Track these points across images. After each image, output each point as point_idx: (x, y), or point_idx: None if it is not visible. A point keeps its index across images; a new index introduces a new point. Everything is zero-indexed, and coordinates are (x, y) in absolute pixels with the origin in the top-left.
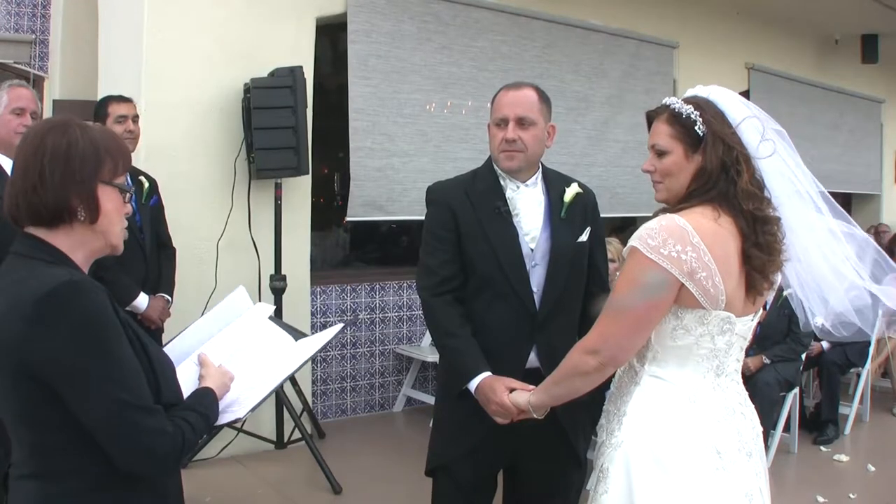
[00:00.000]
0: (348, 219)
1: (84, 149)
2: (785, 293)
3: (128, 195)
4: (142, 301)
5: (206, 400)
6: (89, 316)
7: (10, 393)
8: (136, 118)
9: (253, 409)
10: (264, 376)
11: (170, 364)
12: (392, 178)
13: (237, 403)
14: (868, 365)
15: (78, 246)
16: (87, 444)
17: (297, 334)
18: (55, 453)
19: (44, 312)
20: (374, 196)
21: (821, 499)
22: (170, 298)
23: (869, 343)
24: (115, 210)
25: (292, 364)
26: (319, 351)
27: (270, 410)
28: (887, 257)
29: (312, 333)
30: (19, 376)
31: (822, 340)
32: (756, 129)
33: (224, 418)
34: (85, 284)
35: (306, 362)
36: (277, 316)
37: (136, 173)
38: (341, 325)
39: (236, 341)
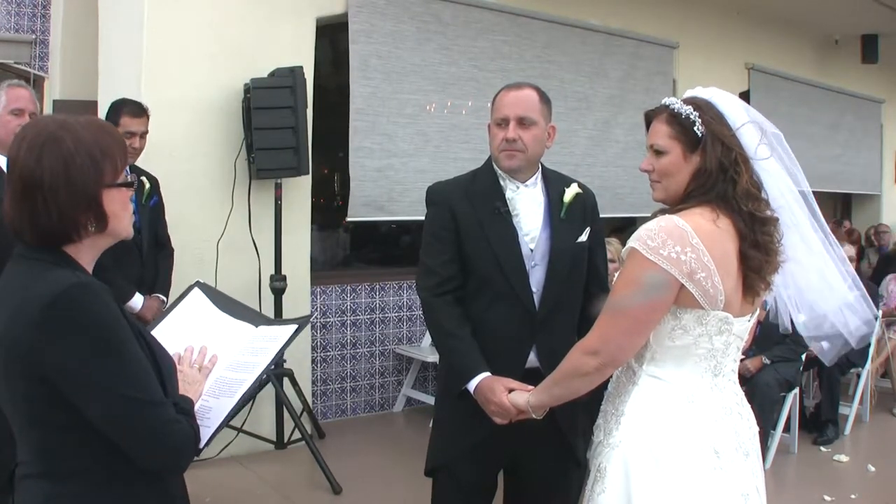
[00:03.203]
0: (349, 219)
1: (82, 162)
2: (784, 294)
3: (132, 186)
4: (136, 302)
5: (189, 406)
6: (98, 318)
7: (17, 394)
8: (144, 134)
9: (208, 443)
10: (223, 389)
11: (172, 363)
12: (392, 179)
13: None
14: (868, 365)
15: (86, 249)
16: (93, 445)
17: (256, 317)
18: (61, 453)
19: (52, 317)
20: (375, 196)
21: (827, 497)
22: (165, 299)
23: (869, 343)
24: (122, 208)
25: (250, 377)
26: (280, 353)
27: (270, 410)
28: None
29: (312, 334)
30: (27, 378)
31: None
32: (755, 133)
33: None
34: (92, 286)
35: (265, 370)
36: (277, 317)
37: (137, 173)
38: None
39: (181, 332)
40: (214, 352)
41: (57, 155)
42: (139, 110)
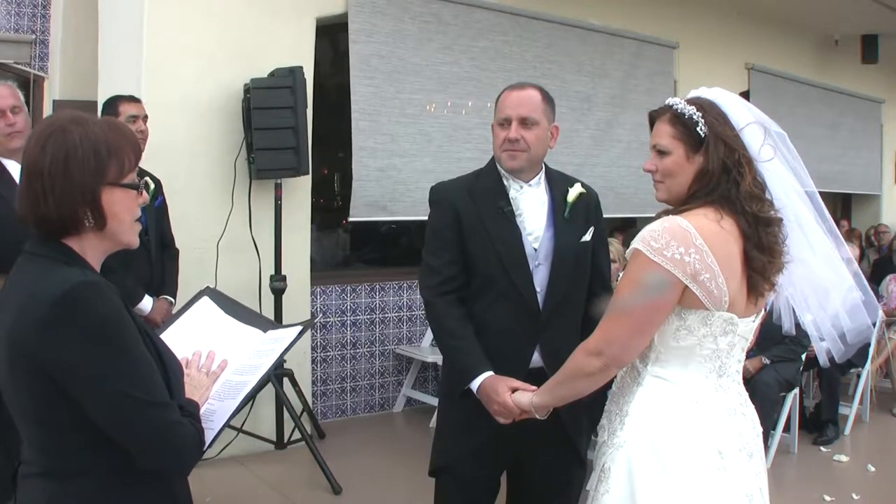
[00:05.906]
0: (351, 219)
1: (84, 155)
2: (786, 294)
3: (140, 190)
4: (146, 304)
5: (195, 409)
6: (104, 317)
7: (22, 392)
8: (146, 118)
9: (210, 444)
10: (227, 392)
11: (179, 366)
12: (395, 178)
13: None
14: (868, 365)
15: (89, 248)
16: (96, 444)
17: (264, 322)
18: (65, 452)
19: (59, 315)
20: (377, 196)
21: (827, 497)
22: (173, 300)
23: (869, 343)
24: (125, 210)
25: (253, 379)
26: (283, 354)
27: (270, 411)
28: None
29: (312, 334)
30: (33, 376)
31: (822, 340)
32: (759, 134)
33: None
34: (99, 285)
35: (268, 373)
36: (277, 319)
37: (141, 174)
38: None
39: (190, 337)
40: (223, 357)
41: (60, 146)
42: (133, 98)
